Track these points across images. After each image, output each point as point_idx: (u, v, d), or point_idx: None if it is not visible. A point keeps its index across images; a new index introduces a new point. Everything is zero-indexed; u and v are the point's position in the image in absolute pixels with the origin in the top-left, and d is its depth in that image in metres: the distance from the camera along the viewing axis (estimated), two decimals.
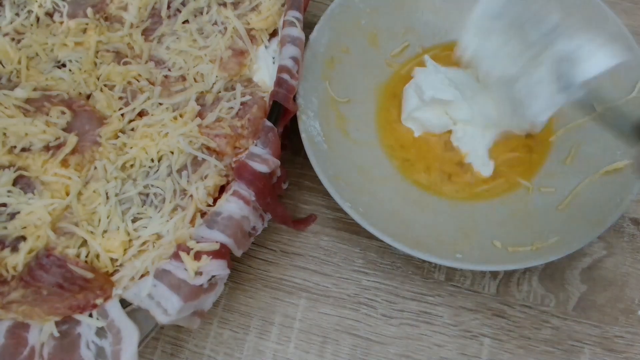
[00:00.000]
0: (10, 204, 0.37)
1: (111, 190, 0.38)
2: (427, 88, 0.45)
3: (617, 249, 0.43)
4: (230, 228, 0.36)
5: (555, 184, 0.43)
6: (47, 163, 0.39)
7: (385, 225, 0.40)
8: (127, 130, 0.41)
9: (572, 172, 0.43)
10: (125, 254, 0.36)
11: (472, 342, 0.41)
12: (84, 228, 0.37)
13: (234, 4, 0.46)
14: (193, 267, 0.34)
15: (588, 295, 0.42)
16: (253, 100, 0.41)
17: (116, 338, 0.33)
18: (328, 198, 0.39)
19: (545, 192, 0.43)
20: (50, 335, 0.34)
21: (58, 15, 0.46)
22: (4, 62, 0.43)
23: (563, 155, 0.44)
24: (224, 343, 0.41)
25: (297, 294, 0.43)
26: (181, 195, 0.38)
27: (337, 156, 0.43)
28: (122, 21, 0.45)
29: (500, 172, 0.45)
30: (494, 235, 0.41)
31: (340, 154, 0.44)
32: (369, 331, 0.41)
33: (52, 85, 0.43)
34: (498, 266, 0.38)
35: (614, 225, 0.39)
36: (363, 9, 0.48)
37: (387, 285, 0.43)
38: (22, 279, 0.35)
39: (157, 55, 0.45)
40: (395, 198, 0.44)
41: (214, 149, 0.40)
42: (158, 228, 0.37)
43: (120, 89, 0.42)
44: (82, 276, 0.35)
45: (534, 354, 0.40)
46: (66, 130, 0.41)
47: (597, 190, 0.41)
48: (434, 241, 0.40)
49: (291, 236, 0.45)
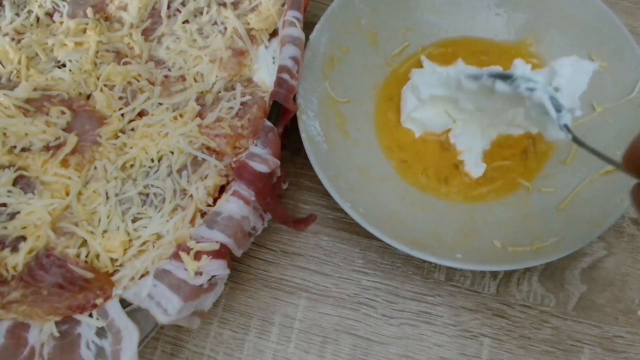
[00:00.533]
0: (10, 204, 0.37)
1: (111, 190, 0.38)
2: (424, 87, 0.45)
3: (617, 249, 0.43)
4: (230, 228, 0.36)
5: (555, 184, 0.43)
6: (47, 163, 0.39)
7: (385, 225, 0.40)
8: (127, 130, 0.41)
9: (572, 172, 0.43)
10: (125, 254, 0.36)
11: (472, 342, 0.41)
12: (84, 228, 0.37)
13: (234, 4, 0.46)
14: (193, 267, 0.34)
15: (588, 295, 0.42)
16: (253, 100, 0.41)
17: (116, 338, 0.33)
18: (328, 198, 0.39)
19: (545, 192, 0.43)
20: (50, 335, 0.34)
21: (58, 15, 0.46)
22: (4, 62, 0.44)
23: (563, 155, 0.44)
24: (224, 343, 0.41)
25: (297, 294, 0.43)
26: (181, 195, 0.38)
27: (337, 156, 0.43)
28: (122, 21, 0.45)
29: (491, 177, 0.45)
30: (493, 236, 0.41)
31: (340, 154, 0.44)
32: (369, 331, 0.41)
33: (52, 85, 0.43)
34: (498, 266, 0.38)
35: (614, 225, 0.39)
36: (363, 9, 0.48)
37: (387, 285, 0.43)
38: (22, 279, 0.35)
39: (157, 55, 0.45)
40: (395, 198, 0.44)
41: (214, 149, 0.40)
42: (158, 228, 0.37)
43: (120, 89, 0.42)
44: (82, 276, 0.35)
45: (534, 354, 0.40)
46: (66, 130, 0.41)
47: (597, 190, 0.41)
48: (434, 241, 0.40)
49: (291, 236, 0.45)
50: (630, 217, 0.44)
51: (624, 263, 0.42)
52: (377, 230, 0.38)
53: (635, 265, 0.42)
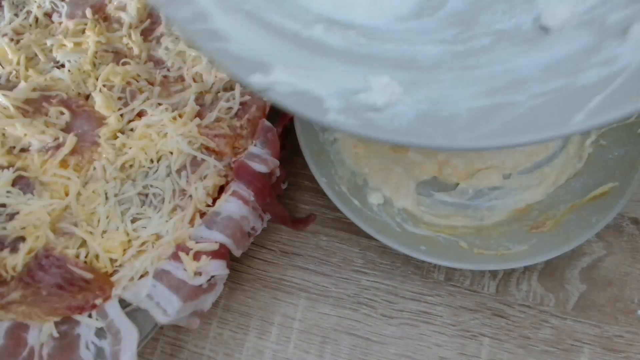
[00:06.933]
0: (9, 205, 0.37)
1: (110, 190, 0.38)
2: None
3: (617, 249, 0.43)
4: (229, 228, 0.36)
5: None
6: (46, 163, 0.39)
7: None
8: (126, 131, 0.41)
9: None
10: (125, 254, 0.36)
11: (472, 341, 0.41)
12: (83, 228, 0.37)
13: None
14: (192, 268, 0.34)
15: (588, 295, 0.42)
16: (252, 100, 0.41)
17: (115, 338, 0.33)
18: (327, 198, 0.39)
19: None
20: (50, 336, 0.34)
21: (57, 16, 0.46)
22: (2, 62, 0.43)
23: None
24: (224, 343, 0.41)
25: (296, 294, 0.43)
26: (180, 196, 0.38)
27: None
28: (121, 21, 0.45)
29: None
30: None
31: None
32: (369, 331, 0.41)
33: (51, 86, 0.43)
34: (497, 265, 0.38)
35: (613, 224, 0.39)
36: None
37: (387, 285, 0.43)
38: (22, 280, 0.35)
39: (156, 55, 0.45)
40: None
41: (213, 149, 0.40)
42: (157, 228, 0.37)
43: (119, 89, 0.42)
44: (81, 276, 0.35)
45: (534, 353, 0.40)
46: (65, 130, 0.41)
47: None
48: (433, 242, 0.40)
49: (290, 236, 0.45)
50: (630, 216, 0.44)
51: (623, 263, 0.42)
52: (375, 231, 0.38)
53: (635, 265, 0.42)
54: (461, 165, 0.44)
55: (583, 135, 0.43)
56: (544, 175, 0.43)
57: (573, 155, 0.43)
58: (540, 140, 0.25)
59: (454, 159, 0.44)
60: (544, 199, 0.42)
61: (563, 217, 0.40)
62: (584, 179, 0.41)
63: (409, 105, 0.26)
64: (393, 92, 0.25)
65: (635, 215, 0.44)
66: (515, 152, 0.44)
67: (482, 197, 0.44)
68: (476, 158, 0.44)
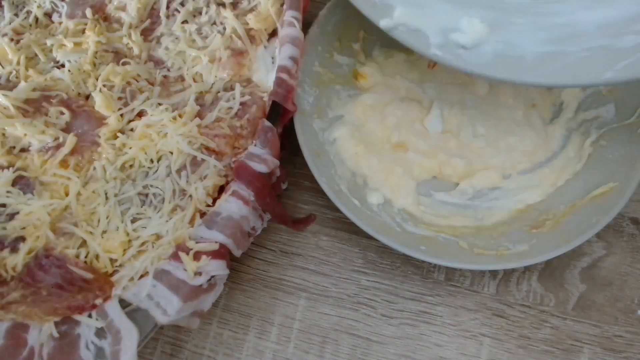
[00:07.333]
0: (9, 205, 0.37)
1: (110, 190, 0.38)
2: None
3: (617, 249, 0.43)
4: (229, 228, 0.36)
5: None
6: (46, 163, 0.39)
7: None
8: (127, 131, 0.41)
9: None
10: (125, 254, 0.36)
11: (472, 341, 0.41)
12: (83, 228, 0.37)
13: (233, 4, 0.46)
14: (192, 268, 0.34)
15: (587, 295, 0.42)
16: (252, 100, 0.41)
17: (115, 338, 0.33)
18: (327, 198, 0.39)
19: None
20: (50, 336, 0.34)
21: (57, 16, 0.46)
22: (2, 62, 0.43)
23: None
24: (224, 343, 0.41)
25: (296, 294, 0.43)
26: (180, 196, 0.38)
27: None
28: (121, 21, 0.45)
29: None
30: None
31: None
32: (369, 331, 0.41)
33: (51, 86, 0.43)
34: (497, 265, 0.38)
35: (613, 224, 0.39)
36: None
37: (387, 285, 0.43)
38: (22, 280, 0.35)
39: (156, 55, 0.45)
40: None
41: (213, 149, 0.40)
42: (157, 228, 0.37)
43: (119, 89, 0.42)
44: (81, 277, 0.35)
45: (534, 353, 0.40)
46: (65, 130, 0.41)
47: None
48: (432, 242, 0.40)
49: (290, 236, 0.45)
50: (630, 216, 0.44)
51: (623, 263, 0.42)
52: (375, 231, 0.38)
53: (635, 265, 0.42)
54: (461, 165, 0.44)
55: (583, 134, 0.43)
56: (544, 176, 0.43)
57: (573, 156, 0.43)
58: (576, 86, 0.34)
59: (454, 159, 0.44)
60: (544, 199, 0.42)
61: (563, 217, 0.40)
62: (584, 179, 0.41)
63: (490, 45, 0.33)
64: (481, 32, 0.33)
65: (635, 215, 0.44)
66: (515, 152, 0.44)
67: (482, 197, 0.44)
68: (476, 158, 0.44)
